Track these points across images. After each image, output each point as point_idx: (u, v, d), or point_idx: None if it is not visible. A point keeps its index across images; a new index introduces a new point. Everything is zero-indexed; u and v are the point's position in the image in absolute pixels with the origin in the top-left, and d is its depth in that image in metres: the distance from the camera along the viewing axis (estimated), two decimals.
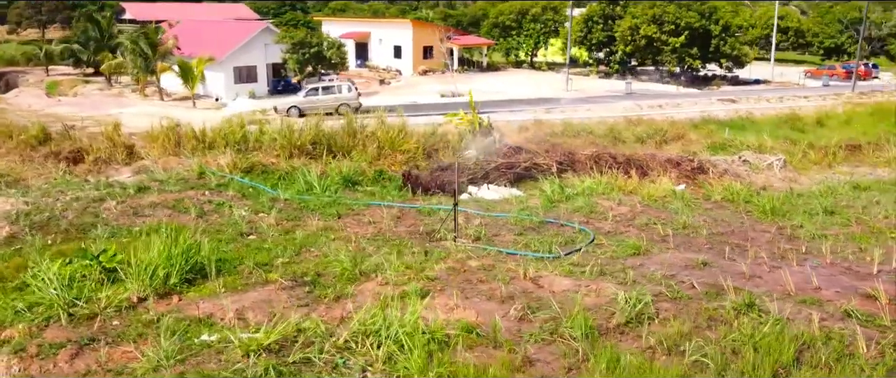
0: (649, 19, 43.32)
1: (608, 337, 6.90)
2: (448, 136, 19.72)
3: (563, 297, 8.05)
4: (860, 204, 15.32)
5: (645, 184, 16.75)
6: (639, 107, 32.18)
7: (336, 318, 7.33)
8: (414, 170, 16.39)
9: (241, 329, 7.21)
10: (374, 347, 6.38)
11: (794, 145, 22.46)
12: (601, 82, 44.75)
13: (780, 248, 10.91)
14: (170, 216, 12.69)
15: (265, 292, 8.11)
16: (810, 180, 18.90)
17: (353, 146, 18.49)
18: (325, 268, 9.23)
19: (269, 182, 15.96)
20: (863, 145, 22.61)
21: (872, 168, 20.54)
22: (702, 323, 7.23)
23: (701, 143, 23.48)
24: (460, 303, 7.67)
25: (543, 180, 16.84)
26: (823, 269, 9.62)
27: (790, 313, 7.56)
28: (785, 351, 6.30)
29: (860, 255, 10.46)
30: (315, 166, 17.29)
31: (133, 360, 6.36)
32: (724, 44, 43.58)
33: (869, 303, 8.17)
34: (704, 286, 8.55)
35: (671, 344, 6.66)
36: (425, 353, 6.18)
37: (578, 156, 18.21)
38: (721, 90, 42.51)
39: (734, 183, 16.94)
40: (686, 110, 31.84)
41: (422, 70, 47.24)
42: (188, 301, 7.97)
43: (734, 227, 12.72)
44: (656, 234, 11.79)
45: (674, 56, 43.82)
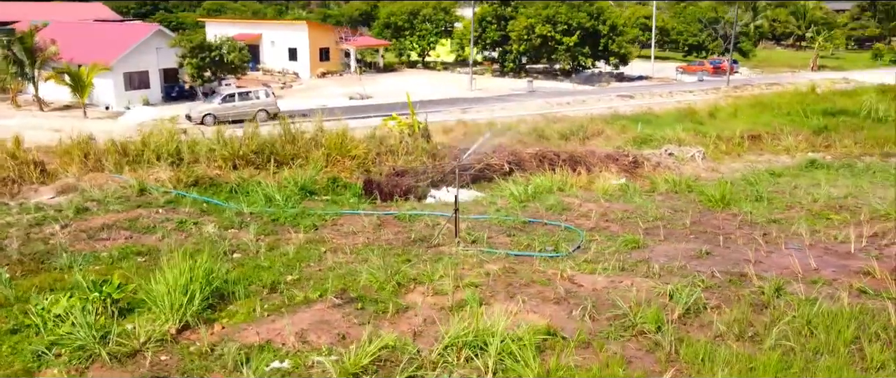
0: (543, 19, 45.00)
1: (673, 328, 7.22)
2: (390, 139, 19.52)
3: (605, 294, 8.32)
4: (784, 189, 16.82)
5: (592, 179, 17.46)
6: (548, 104, 33.37)
7: (407, 331, 7.16)
8: (375, 176, 16.09)
9: (308, 352, 6.90)
10: (476, 358, 6.31)
11: (705, 137, 24.23)
12: (503, 81, 45.92)
13: (760, 234, 11.78)
14: (130, 238, 11.78)
15: (316, 312, 7.75)
16: (728, 169, 20.50)
17: (295, 154, 17.86)
18: (348, 282, 8.92)
19: (221, 196, 15.11)
20: (762, 135, 24.79)
21: (775, 155, 22.60)
22: (746, 308, 7.72)
23: (620, 137, 24.76)
24: (520, 307, 7.72)
25: (499, 180, 17.14)
26: (811, 250, 10.53)
27: (809, 293, 8.26)
28: (844, 328, 6.88)
29: (822, 236, 11.52)
30: (263, 176, 16.58)
31: None
32: (612, 43, 46.15)
33: (860, 278, 9.08)
34: (724, 274, 9.13)
35: (739, 330, 7.09)
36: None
37: (523, 155, 18.65)
38: (611, 87, 44.98)
39: (670, 174, 18.05)
40: (592, 107, 33.40)
41: (320, 72, 46.26)
42: (233, 328, 7.48)
43: (697, 216, 13.57)
44: (636, 228, 12.35)
45: (567, 54, 45.81)
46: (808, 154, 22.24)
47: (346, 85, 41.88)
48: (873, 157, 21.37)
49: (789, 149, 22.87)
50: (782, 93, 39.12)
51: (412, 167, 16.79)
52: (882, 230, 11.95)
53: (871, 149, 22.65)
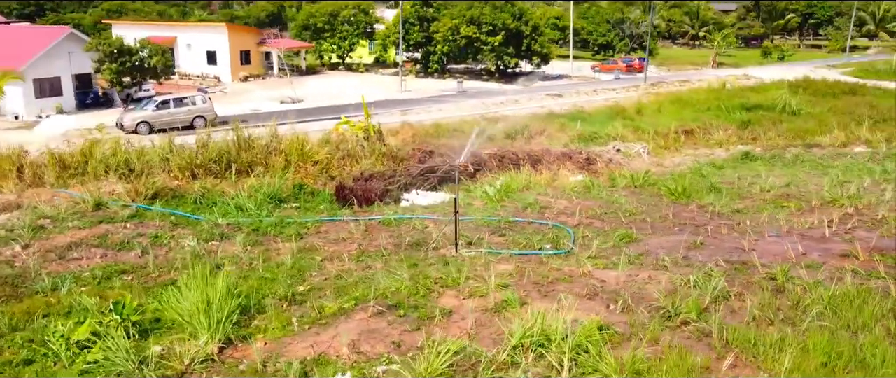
0: (467, 20, 45.52)
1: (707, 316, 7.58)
2: (347, 143, 19.24)
3: (629, 288, 8.61)
4: (731, 180, 17.84)
5: (553, 178, 17.90)
6: (484, 105, 33.81)
7: (460, 335, 7.16)
8: (341, 182, 15.83)
9: (366, 362, 6.78)
10: (545, 356, 6.40)
11: (642, 133, 25.30)
12: (431, 82, 46.08)
13: (734, 224, 12.48)
14: (106, 256, 11.13)
15: (358, 321, 7.60)
16: (671, 163, 21.52)
17: (252, 161, 17.31)
18: (366, 290, 8.79)
19: (185, 207, 14.46)
20: (694, 130, 26.16)
21: (709, 149, 23.91)
22: (769, 293, 8.19)
23: (564, 136, 25.45)
24: (559, 305, 7.87)
25: (466, 181, 17.27)
26: (788, 237, 11.27)
27: (811, 277, 8.88)
28: (863, 307, 7.45)
29: (795, 224, 12.34)
30: (226, 185, 15.99)
31: None
32: (534, 43, 47.28)
33: (848, 260, 9.84)
34: (728, 263, 9.64)
35: (768, 314, 7.53)
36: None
37: (483, 156, 18.87)
38: (536, 86, 46.07)
39: (625, 170, 18.77)
40: (525, 106, 34.12)
41: (243, 76, 44.81)
42: (275, 343, 7.23)
43: (669, 209, 14.20)
44: (620, 223, 12.80)
45: (492, 55, 46.55)
46: (739, 147, 23.69)
47: (272, 88, 40.80)
48: (798, 148, 23.02)
49: (721, 142, 24.26)
50: (697, 90, 41.37)
51: (379, 171, 16.64)
52: (838, 215, 12.92)
53: (794, 140, 24.39)
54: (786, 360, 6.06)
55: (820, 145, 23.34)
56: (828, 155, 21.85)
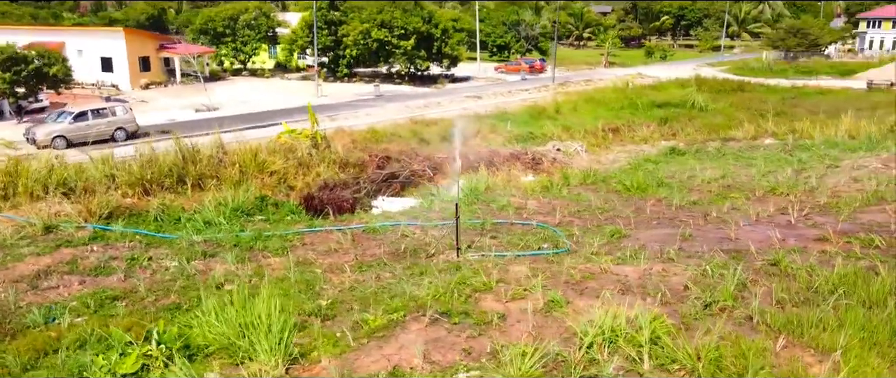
0: (378, 24, 45.34)
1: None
2: (298, 152, 18.72)
3: (651, 281, 9.06)
4: (671, 174, 18.96)
5: (509, 178, 18.32)
6: (408, 108, 33.80)
7: (524, 337, 7.29)
8: (301, 192, 15.47)
9: (442, 372, 6.78)
10: (620, 351, 6.67)
11: (572, 131, 26.29)
12: (347, 86, 45.46)
13: (701, 215, 13.32)
14: (85, 283, 10.42)
15: (416, 331, 7.55)
16: (607, 159, 22.56)
17: (203, 174, 16.55)
18: (402, 299, 8.75)
19: (148, 226, 13.66)
20: (619, 127, 27.47)
21: (636, 145, 25.22)
22: (783, 278, 8.87)
23: (497, 137, 25.98)
24: (599, 302, 8.18)
25: (426, 186, 17.35)
26: (759, 225, 12.18)
27: (804, 261, 9.70)
28: (866, 284, 8.25)
29: (760, 213, 13.32)
30: (184, 201, 15.23)
31: None
32: (445, 45, 47.78)
33: (826, 244, 10.80)
34: (725, 252, 10.32)
35: (791, 297, 8.18)
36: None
37: (436, 159, 19.01)
38: (447, 87, 46.65)
39: (573, 169, 19.50)
40: (448, 108, 34.47)
41: (144, 84, 42.28)
42: (339, 359, 7.07)
43: (632, 204, 14.92)
44: (597, 219, 13.34)
45: (404, 58, 46.62)
46: (663, 142, 25.16)
47: (179, 96, 38.85)
48: (716, 142, 24.76)
49: (646, 139, 25.66)
50: (604, 89, 43.42)
51: (342, 179, 16.40)
52: (787, 203, 14.09)
53: (710, 135, 26.18)
54: (840, 337, 6.63)
55: (735, 139, 25.23)
56: (744, 147, 23.67)
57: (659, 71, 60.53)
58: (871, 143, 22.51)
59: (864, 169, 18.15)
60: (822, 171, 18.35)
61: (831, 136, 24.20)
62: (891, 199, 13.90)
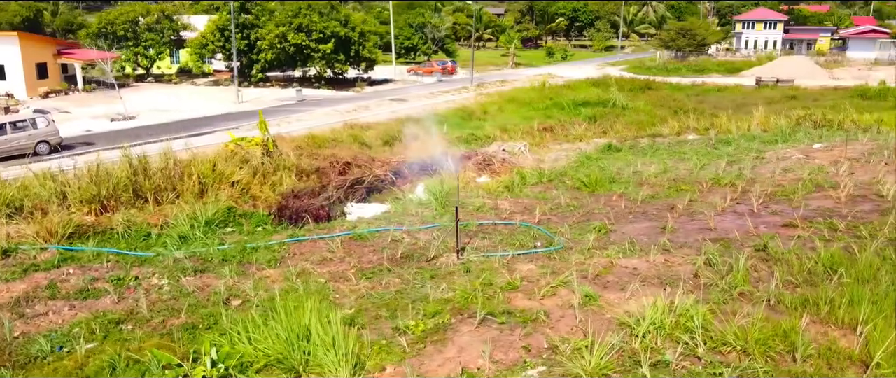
0: (295, 28, 44.46)
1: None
2: (252, 161, 18.19)
3: (661, 271, 9.65)
4: (615, 169, 19.91)
5: (467, 180, 18.64)
6: (338, 112, 33.40)
7: (577, 333, 7.62)
8: (278, 201, 15.13)
9: (506, 371, 7.00)
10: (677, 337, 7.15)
11: (512, 132, 26.98)
12: (266, 92, 44.20)
13: (673, 208, 14.16)
14: (75, 308, 9.89)
15: (470, 334, 7.71)
16: (551, 158, 23.33)
17: (158, 186, 15.81)
18: (436, 304, 8.88)
19: (118, 244, 12.95)
20: (553, 126, 28.43)
21: (572, 143, 26.21)
22: (784, 264, 9.66)
23: (440, 139, 26.22)
24: (627, 294, 8.66)
25: (390, 191, 17.39)
26: (727, 215, 13.13)
27: (786, 246, 10.62)
28: (857, 264, 9.18)
29: (719, 205, 14.30)
30: (147, 217, 14.51)
31: None
32: (362, 48, 47.51)
33: (794, 229, 11.82)
34: (713, 242, 11.09)
35: (793, 278, 8.97)
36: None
37: (394, 164, 19.08)
38: (367, 91, 46.43)
39: (524, 168, 20.08)
40: (377, 112, 34.38)
41: (43, 92, 39.33)
42: (401, 367, 7.14)
43: (596, 200, 15.61)
44: (574, 216, 13.90)
45: (323, 62, 45.95)
46: (596, 140, 26.31)
47: (85, 105, 36.48)
48: (646, 139, 26.17)
49: (581, 137, 26.73)
50: (522, 89, 44.67)
51: (308, 188, 16.16)
52: (735, 193, 15.22)
53: (638, 131, 27.61)
54: (860, 311, 7.40)
55: (662, 135, 26.75)
56: (672, 143, 25.16)
57: (565, 71, 62.90)
58: (784, 135, 24.55)
59: (788, 159, 19.83)
60: (751, 163, 19.85)
61: (746, 130, 26.16)
62: (827, 186, 15.33)
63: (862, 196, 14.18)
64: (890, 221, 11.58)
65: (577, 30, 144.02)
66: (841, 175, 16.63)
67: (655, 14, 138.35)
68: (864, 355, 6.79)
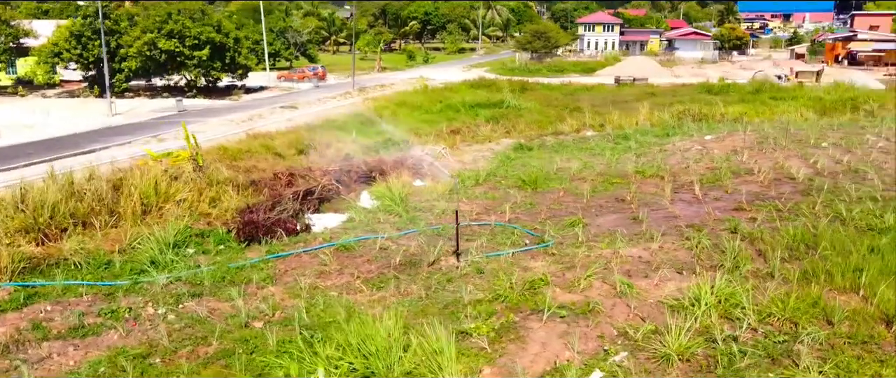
0: (166, 34, 41.76)
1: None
2: (183, 177, 17.09)
3: (663, 259, 10.58)
4: (538, 167, 20.97)
5: (405, 185, 18.83)
6: (232, 122, 31.85)
7: (635, 321, 8.28)
8: (247, 215, 14.48)
9: (591, 360, 7.50)
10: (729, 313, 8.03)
11: (425, 136, 27.31)
12: (142, 102, 40.99)
13: (622, 199, 15.30)
14: (79, 347, 9.21)
15: (542, 329, 8.11)
16: (469, 159, 24.00)
17: (90, 210, 14.57)
18: (486, 306, 9.19)
19: (77, 275, 11.87)
20: (460, 129, 29.12)
21: (481, 144, 27.03)
22: (768, 243, 10.91)
23: (347, 145, 25.98)
24: (655, 280, 9.48)
25: (338, 200, 17.20)
26: (679, 203, 14.46)
27: (751, 226, 12.01)
28: (822, 239, 10.63)
29: (671, 197, 15.59)
30: (98, 243, 13.37)
31: None
32: (238, 55, 45.60)
33: (744, 212, 13.31)
34: (688, 228, 12.26)
35: (781, 254, 10.23)
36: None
37: (333, 173, 18.87)
38: (246, 99, 44.65)
39: (461, 170, 20.61)
40: (273, 119, 33.24)
41: None
42: (499, 368, 7.42)
43: (548, 197, 16.47)
44: (539, 214, 14.65)
45: (198, 69, 43.57)
46: (504, 140, 27.34)
47: None
48: (549, 137, 27.62)
49: (489, 138, 27.65)
50: (407, 92, 45.09)
51: (261, 202, 15.60)
52: (664, 183, 16.71)
53: (540, 131, 29.04)
54: (860, 278, 8.68)
55: (563, 133, 28.36)
56: (576, 140, 26.83)
57: (434, 73, 64.17)
58: (672, 129, 27.03)
59: (689, 150, 21.96)
60: (657, 155, 21.76)
61: (635, 126, 28.46)
62: (744, 172, 17.27)
63: (778, 179, 16.18)
64: (821, 200, 13.41)
65: (429, 33, 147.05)
66: (746, 162, 18.81)
67: (500, 17, 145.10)
68: (880, 313, 8.00)
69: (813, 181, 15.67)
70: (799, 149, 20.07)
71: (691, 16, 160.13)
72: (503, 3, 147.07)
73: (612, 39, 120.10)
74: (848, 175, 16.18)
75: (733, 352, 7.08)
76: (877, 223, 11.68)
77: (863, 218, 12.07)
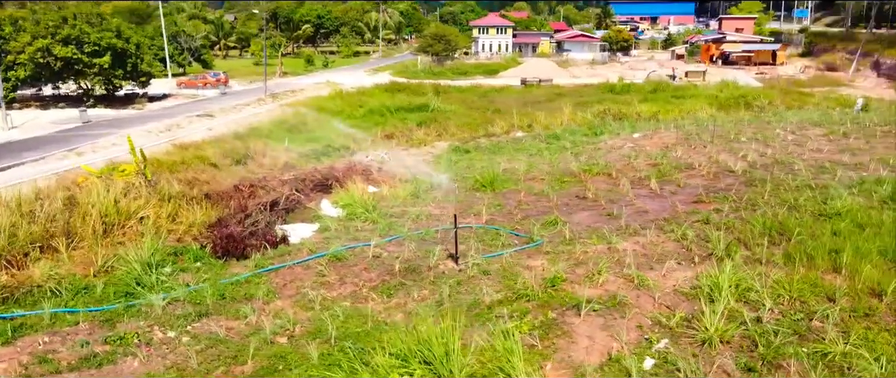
0: (62, 40, 38.82)
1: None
2: (133, 191, 16.20)
3: (660, 250, 11.36)
4: (484, 168, 21.54)
5: (362, 192, 18.85)
6: (150, 133, 30.15)
7: (656, 308, 8.92)
8: (217, 230, 14.01)
9: (639, 348, 8.05)
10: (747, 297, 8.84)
11: (361, 141, 27.20)
12: (36, 114, 37.82)
13: (584, 198, 16.09)
14: (96, 375, 8.84)
15: (584, 323, 8.57)
16: (409, 163, 24.22)
17: (49, 233, 13.66)
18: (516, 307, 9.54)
19: (51, 302, 11.15)
20: (394, 133, 29.21)
21: (418, 147, 27.32)
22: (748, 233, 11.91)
23: (282, 154, 25.50)
24: (664, 270, 10.20)
25: (303, 210, 16.99)
26: (641, 198, 15.41)
27: (720, 217, 13.07)
28: (788, 224, 11.81)
29: (631, 192, 16.48)
30: (70, 268, 12.57)
31: None
32: (141, 61, 43.18)
33: (704, 204, 14.41)
34: (663, 220, 13.15)
35: (758, 241, 11.26)
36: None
37: (289, 182, 18.61)
38: (152, 108, 42.42)
39: (405, 174, 20.81)
40: (191, 130, 31.82)
41: None
42: (558, 363, 7.81)
43: (512, 198, 17.02)
44: (511, 215, 15.17)
45: (99, 77, 40.86)
46: (437, 143, 27.75)
47: None
48: (482, 139, 28.29)
49: (423, 141, 27.96)
50: (323, 97, 44.47)
51: (229, 215, 15.18)
52: (616, 180, 17.72)
53: (472, 133, 29.65)
54: (839, 259, 9.77)
55: (495, 134, 29.13)
56: (509, 141, 27.66)
57: (340, 77, 63.66)
58: (598, 128, 28.44)
59: (623, 148, 23.27)
60: (594, 154, 22.90)
61: (563, 126, 29.72)
62: (685, 167, 18.58)
63: (720, 173, 17.56)
64: (768, 191, 14.77)
65: (323, 36, 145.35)
66: (682, 157, 20.23)
67: (392, 20, 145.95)
68: (866, 289, 9.06)
69: (749, 173, 17.15)
70: (724, 144, 21.80)
71: (571, 18, 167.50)
72: (393, 7, 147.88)
73: (505, 42, 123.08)
74: (778, 167, 17.82)
75: (767, 331, 7.83)
76: (824, 209, 13.03)
77: (810, 205, 13.42)
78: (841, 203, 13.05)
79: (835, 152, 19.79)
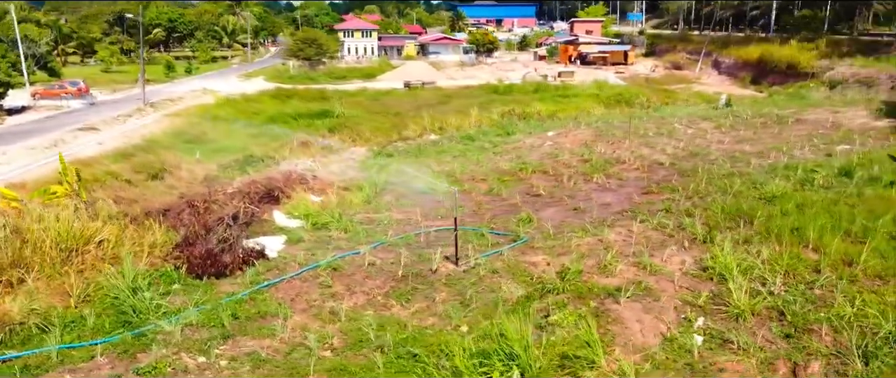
0: None
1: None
2: (66, 214, 14.88)
3: (649, 239, 12.39)
4: (420, 172, 22.00)
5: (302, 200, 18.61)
6: (33, 151, 27.23)
7: (682, 290, 9.88)
8: (186, 249, 13.32)
9: (679, 333, 8.95)
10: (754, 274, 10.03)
11: (281, 149, 26.46)
12: None
13: (539, 196, 16.98)
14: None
15: (625, 309, 9.31)
16: (337, 170, 24.04)
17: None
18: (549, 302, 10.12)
19: (41, 338, 10.30)
20: (308, 141, 28.66)
21: (338, 154, 27.07)
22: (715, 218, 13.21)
23: (200, 167, 24.35)
24: (665, 255, 11.22)
25: (259, 221, 16.55)
26: (596, 192, 16.53)
27: (678, 207, 14.42)
28: (748, 207, 13.31)
29: (580, 187, 17.53)
30: (40, 299, 11.53)
31: None
32: None
33: (656, 195, 15.77)
34: (630, 212, 14.27)
35: (728, 224, 12.63)
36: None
37: (235, 194, 18.02)
38: (8, 122, 38.28)
39: (348, 182, 20.76)
40: (78, 145, 29.15)
41: None
42: (623, 348, 8.50)
43: (470, 199, 17.55)
44: (480, 215, 15.75)
45: None
46: (354, 148, 27.67)
47: None
48: (399, 143, 28.55)
49: (368, 141, 27.70)
50: (214, 105, 42.39)
51: (194, 232, 14.50)
52: (556, 177, 18.82)
53: (386, 137, 29.79)
54: (807, 236, 11.27)
55: (410, 138, 29.49)
56: (426, 143, 28.13)
57: (213, 85, 60.90)
58: (508, 127, 29.66)
59: (542, 146, 24.56)
60: (517, 152, 24.00)
61: (474, 128, 30.67)
62: (616, 162, 20.04)
63: (650, 166, 19.15)
64: (705, 179, 16.40)
65: (176, 40, 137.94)
66: (605, 153, 21.77)
67: (248, 24, 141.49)
68: (837, 262, 10.53)
69: (677, 165, 18.88)
70: (638, 139, 23.67)
71: (424, 21, 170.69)
72: (247, 8, 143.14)
73: (371, 45, 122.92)
74: (696, 158, 19.74)
75: (787, 301, 8.99)
76: (762, 193, 14.75)
77: (747, 191, 15.14)
78: (774, 188, 14.81)
79: (734, 143, 22.19)
